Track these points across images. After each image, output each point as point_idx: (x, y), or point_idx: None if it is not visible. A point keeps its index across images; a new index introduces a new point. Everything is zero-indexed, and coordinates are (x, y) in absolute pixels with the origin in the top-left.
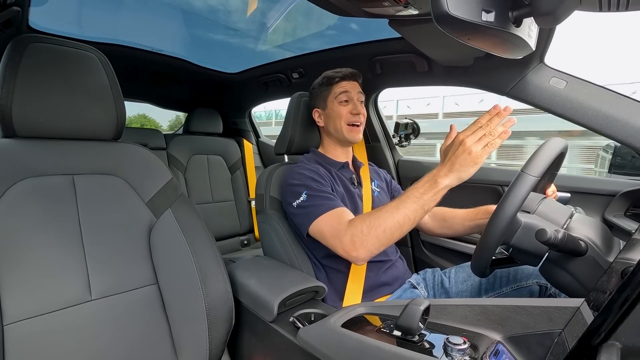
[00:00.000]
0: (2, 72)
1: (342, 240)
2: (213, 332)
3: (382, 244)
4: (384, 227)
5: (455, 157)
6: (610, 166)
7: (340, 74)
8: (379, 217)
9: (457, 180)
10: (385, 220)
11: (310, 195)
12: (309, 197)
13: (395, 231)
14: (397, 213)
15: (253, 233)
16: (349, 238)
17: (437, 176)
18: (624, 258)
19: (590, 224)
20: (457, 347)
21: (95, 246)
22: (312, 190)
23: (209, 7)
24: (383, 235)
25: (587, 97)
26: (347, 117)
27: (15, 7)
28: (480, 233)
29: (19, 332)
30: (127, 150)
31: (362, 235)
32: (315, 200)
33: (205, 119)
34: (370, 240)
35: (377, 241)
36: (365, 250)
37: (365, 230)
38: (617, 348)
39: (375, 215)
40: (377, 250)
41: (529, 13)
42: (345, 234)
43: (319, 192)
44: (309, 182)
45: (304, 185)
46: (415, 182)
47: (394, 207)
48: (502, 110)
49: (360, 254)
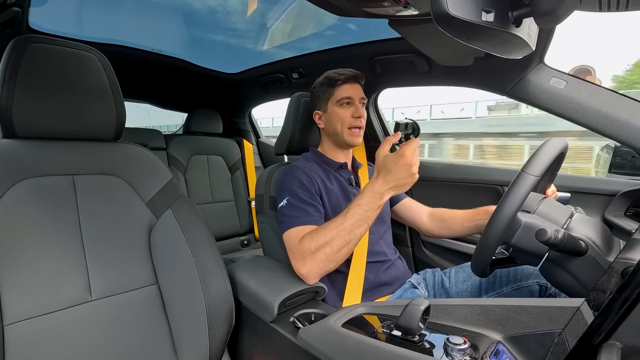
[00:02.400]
0: (2, 72)
1: (295, 257)
2: (213, 332)
3: (331, 261)
4: (331, 245)
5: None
6: (610, 166)
7: (342, 76)
8: (326, 234)
9: (397, 192)
10: (332, 239)
11: (290, 203)
12: (288, 205)
13: (342, 248)
14: (343, 230)
15: (253, 233)
16: (300, 255)
17: (381, 191)
18: (624, 258)
19: (590, 224)
20: (457, 347)
21: (96, 246)
22: (293, 198)
23: (209, 7)
24: (331, 252)
25: (587, 97)
26: (349, 121)
27: (15, 7)
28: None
29: (19, 332)
30: (127, 150)
31: (310, 252)
32: (292, 211)
33: (205, 119)
34: (319, 257)
35: (326, 258)
36: (314, 266)
37: (314, 247)
38: (618, 348)
39: (322, 233)
40: (327, 267)
41: (529, 13)
42: (297, 250)
43: (299, 202)
44: (295, 188)
45: (289, 190)
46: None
47: (340, 223)
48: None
49: (310, 270)
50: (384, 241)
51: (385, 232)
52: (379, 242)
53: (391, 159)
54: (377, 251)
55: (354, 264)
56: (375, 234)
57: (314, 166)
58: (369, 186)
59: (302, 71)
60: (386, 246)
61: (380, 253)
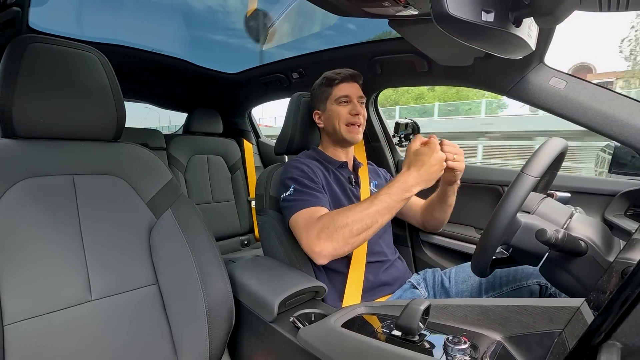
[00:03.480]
0: (2, 72)
1: (308, 234)
2: (213, 332)
3: (347, 243)
4: (351, 228)
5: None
6: (610, 166)
7: (340, 75)
8: (348, 216)
9: (425, 187)
10: (354, 220)
11: (297, 189)
12: (295, 192)
13: (361, 232)
14: (367, 215)
15: (253, 233)
16: (316, 232)
17: (412, 183)
18: (624, 258)
19: (590, 224)
20: (457, 347)
21: (96, 246)
22: (299, 185)
23: (209, 7)
24: (349, 234)
25: (587, 97)
26: (346, 118)
27: (15, 7)
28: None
29: (19, 333)
30: (127, 150)
31: (329, 230)
32: (300, 195)
33: (205, 119)
34: (336, 237)
35: (343, 239)
36: (329, 245)
37: (332, 227)
38: (617, 348)
39: (345, 214)
40: (342, 249)
41: (529, 13)
42: (312, 227)
43: (306, 188)
44: (299, 177)
45: (293, 179)
46: (387, 186)
47: (365, 208)
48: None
49: (324, 249)
50: (384, 241)
51: (384, 232)
52: (378, 242)
53: (425, 152)
54: (376, 251)
55: (354, 264)
56: (375, 234)
57: (315, 163)
58: (401, 177)
59: (302, 71)
60: (386, 246)
61: (380, 253)
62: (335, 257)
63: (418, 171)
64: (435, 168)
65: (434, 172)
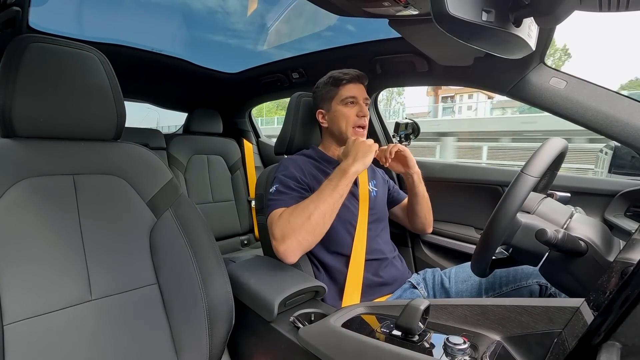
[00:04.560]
0: (2, 72)
1: (273, 236)
2: (213, 332)
3: (309, 234)
4: (308, 217)
5: (355, 147)
6: (610, 166)
7: (347, 76)
8: (304, 208)
9: (362, 166)
10: (309, 211)
11: (278, 190)
12: (276, 192)
13: (319, 219)
14: (319, 202)
15: (253, 233)
16: (280, 232)
17: (345, 166)
18: (624, 258)
19: (590, 224)
20: (457, 347)
21: (96, 246)
22: (282, 186)
23: (208, 8)
24: (309, 225)
25: (587, 97)
26: (354, 120)
27: (15, 7)
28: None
29: (19, 332)
30: (128, 150)
31: (290, 227)
32: (277, 196)
33: (205, 119)
34: (298, 231)
35: (305, 231)
36: (294, 242)
37: (292, 221)
38: (617, 348)
39: (299, 207)
40: (306, 241)
41: (529, 13)
42: (275, 228)
43: (287, 189)
44: (285, 177)
45: (278, 179)
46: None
47: (315, 198)
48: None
49: (289, 246)
50: (381, 239)
51: (382, 230)
52: (376, 239)
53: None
54: (374, 249)
55: (352, 263)
56: (372, 231)
57: (309, 162)
58: (336, 167)
59: (302, 71)
60: (384, 244)
61: (378, 251)
62: (304, 251)
63: (346, 157)
64: (364, 148)
65: (365, 152)
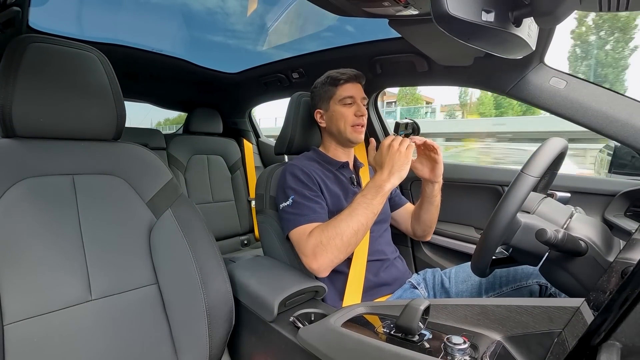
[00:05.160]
0: (2, 72)
1: (304, 253)
2: (213, 332)
3: (341, 252)
4: (341, 236)
5: (390, 159)
6: (610, 166)
7: (345, 75)
8: (336, 226)
9: (398, 180)
10: (341, 230)
11: (296, 202)
12: (294, 204)
13: (351, 238)
14: (351, 221)
15: (253, 233)
16: (311, 250)
17: (380, 181)
18: (624, 258)
19: (590, 224)
20: (457, 347)
21: (96, 246)
22: (299, 197)
23: (208, 9)
24: (341, 243)
25: (587, 97)
26: (352, 119)
27: (15, 7)
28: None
29: (19, 332)
30: (128, 150)
31: (322, 245)
32: (298, 209)
33: (205, 119)
34: (330, 250)
35: (337, 250)
36: (326, 260)
37: (325, 240)
38: (617, 348)
39: (332, 225)
40: (338, 259)
41: (529, 13)
42: (306, 246)
43: (305, 200)
44: (299, 187)
45: (293, 189)
46: (361, 191)
47: (348, 215)
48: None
49: (321, 264)
50: (384, 240)
51: (384, 231)
52: (378, 240)
53: (381, 153)
54: (376, 249)
55: (354, 263)
56: (375, 232)
57: (314, 165)
58: (370, 182)
59: (302, 71)
60: (385, 245)
61: (380, 252)
62: (335, 266)
63: (381, 170)
64: (399, 160)
65: (401, 164)
